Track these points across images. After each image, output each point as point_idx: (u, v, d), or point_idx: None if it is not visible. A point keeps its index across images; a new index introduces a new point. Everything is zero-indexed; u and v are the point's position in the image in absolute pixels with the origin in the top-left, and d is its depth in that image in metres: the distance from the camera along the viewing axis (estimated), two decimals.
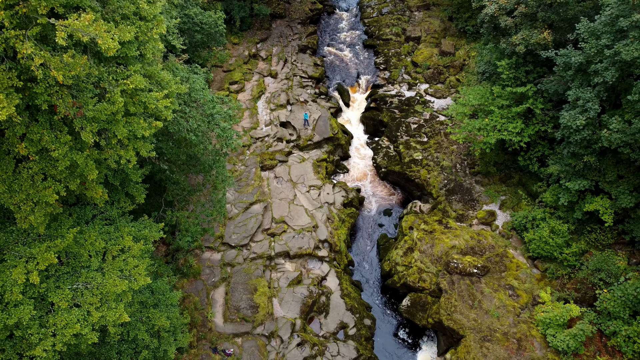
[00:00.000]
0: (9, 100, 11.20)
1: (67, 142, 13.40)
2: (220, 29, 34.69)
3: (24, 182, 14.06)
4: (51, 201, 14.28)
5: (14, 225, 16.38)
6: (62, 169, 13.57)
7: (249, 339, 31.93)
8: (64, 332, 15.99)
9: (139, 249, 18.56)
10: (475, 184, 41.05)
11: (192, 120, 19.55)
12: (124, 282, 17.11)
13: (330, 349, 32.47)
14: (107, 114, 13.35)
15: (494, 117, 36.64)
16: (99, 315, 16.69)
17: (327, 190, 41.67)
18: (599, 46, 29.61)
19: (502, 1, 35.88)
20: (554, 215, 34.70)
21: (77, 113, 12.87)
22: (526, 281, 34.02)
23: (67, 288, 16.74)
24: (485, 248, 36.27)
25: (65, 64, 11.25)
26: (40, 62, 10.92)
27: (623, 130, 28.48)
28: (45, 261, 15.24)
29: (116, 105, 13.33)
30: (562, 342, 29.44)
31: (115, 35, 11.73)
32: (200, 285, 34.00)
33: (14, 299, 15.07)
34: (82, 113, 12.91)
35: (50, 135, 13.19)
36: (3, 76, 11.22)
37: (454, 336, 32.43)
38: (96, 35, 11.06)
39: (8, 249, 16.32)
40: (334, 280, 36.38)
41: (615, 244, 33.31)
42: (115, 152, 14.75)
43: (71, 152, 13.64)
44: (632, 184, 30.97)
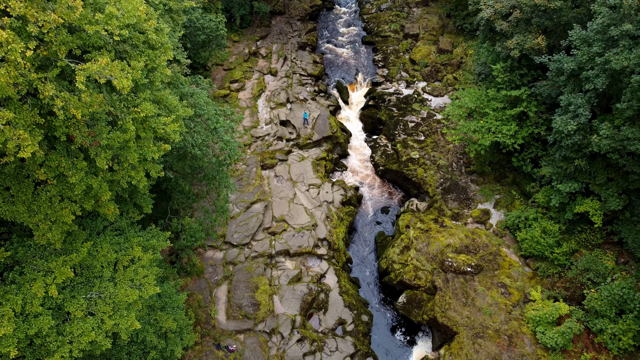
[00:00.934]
0: (32, 137, 12.20)
1: (83, 167, 14.42)
2: (222, 32, 35.43)
3: (42, 203, 15.10)
4: (68, 221, 15.34)
5: (32, 239, 17.47)
6: (78, 192, 14.61)
7: (251, 335, 33.22)
8: (80, 339, 17.16)
9: (148, 259, 19.68)
10: (471, 183, 42.10)
11: (196, 135, 20.54)
12: (134, 291, 18.25)
13: (329, 344, 33.77)
14: (120, 141, 14.35)
15: (488, 119, 37.56)
16: (112, 323, 17.86)
17: (326, 189, 42.72)
18: (591, 53, 30.42)
19: (498, 5, 36.55)
20: (545, 215, 35.80)
21: (93, 143, 13.88)
22: (518, 279, 35.24)
23: (82, 298, 17.87)
24: (479, 246, 37.43)
25: (83, 103, 12.22)
26: (62, 105, 11.91)
27: (612, 137, 29.43)
28: (62, 275, 16.35)
29: (128, 133, 14.32)
30: (551, 339, 30.72)
31: (129, 74, 12.68)
32: (203, 284, 35.21)
33: (34, 311, 16.21)
34: (97, 142, 13.92)
35: (67, 162, 14.19)
36: (26, 114, 12.21)
37: (448, 332, 33.73)
38: (112, 77, 12.01)
39: (26, 262, 17.42)
40: (332, 277, 37.60)
41: (605, 243, 34.47)
42: (126, 174, 15.77)
43: (87, 177, 14.65)
44: (621, 186, 32.02)
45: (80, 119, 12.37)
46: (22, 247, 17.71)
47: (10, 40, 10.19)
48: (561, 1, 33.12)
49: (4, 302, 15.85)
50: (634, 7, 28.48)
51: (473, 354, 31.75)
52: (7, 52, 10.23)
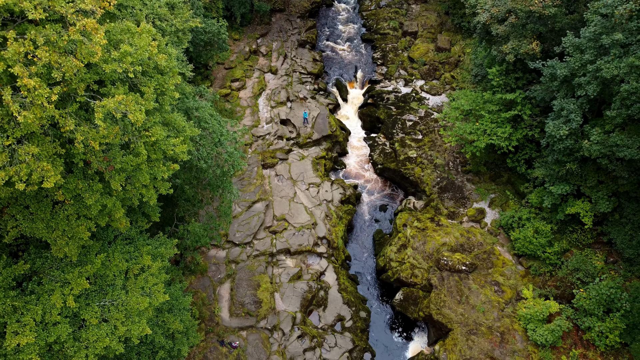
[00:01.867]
0: (54, 168, 13.19)
1: (99, 189, 15.45)
2: (223, 37, 36.20)
3: (60, 221, 16.16)
4: (84, 237, 16.41)
5: (49, 251, 18.58)
6: (94, 212, 15.67)
7: (253, 332, 34.53)
8: (95, 345, 18.36)
9: (157, 268, 20.82)
10: (467, 182, 43.16)
11: (202, 149, 21.51)
12: (145, 299, 19.41)
13: (328, 340, 35.11)
14: (133, 164, 15.36)
15: (484, 121, 38.51)
16: (125, 329, 19.04)
17: (326, 188, 43.79)
18: (583, 60, 31.28)
19: (494, 10, 37.29)
20: (538, 215, 36.94)
21: (108, 167, 14.88)
22: (511, 277, 36.49)
23: (96, 305, 19.04)
24: (474, 245, 38.62)
25: (101, 135, 13.21)
26: (82, 139, 12.91)
27: (602, 142, 30.44)
28: (78, 287, 17.48)
29: (140, 157, 15.32)
30: (541, 336, 32.03)
31: (142, 107, 13.63)
32: (207, 282, 36.44)
33: (53, 320, 17.37)
34: (112, 167, 14.93)
35: (84, 184, 15.21)
36: (49, 146, 13.21)
37: (443, 329, 35.04)
38: (127, 111, 12.97)
39: (44, 272, 18.55)
40: (332, 275, 38.82)
41: (595, 243, 35.66)
42: (138, 192, 16.81)
43: (102, 197, 15.70)
44: (611, 189, 33.12)
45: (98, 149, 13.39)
46: (39, 259, 18.83)
47: (37, 87, 11.17)
48: (555, 8, 33.88)
49: (25, 312, 17.01)
50: (625, 16, 29.27)
51: (466, 350, 33.08)
52: (34, 97, 11.22)
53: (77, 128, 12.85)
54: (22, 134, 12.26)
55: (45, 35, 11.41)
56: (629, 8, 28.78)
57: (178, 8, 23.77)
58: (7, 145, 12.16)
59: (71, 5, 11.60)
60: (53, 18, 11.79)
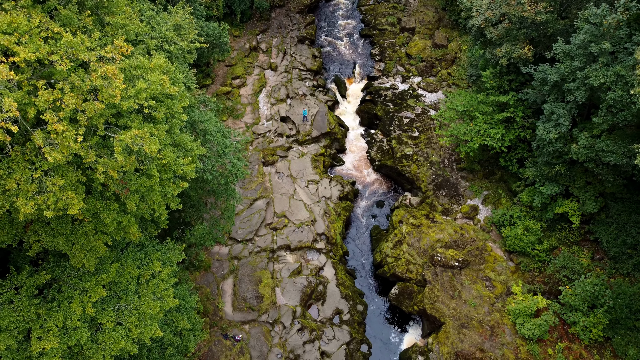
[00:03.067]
0: (77, 196, 14.53)
1: (115, 208, 16.82)
2: (225, 40, 37.21)
3: (79, 236, 17.55)
4: (102, 251, 17.85)
5: (67, 262, 20.04)
6: (111, 228, 17.06)
7: (255, 325, 36.23)
8: (112, 346, 19.94)
9: (166, 273, 22.32)
10: (461, 179, 44.56)
11: (207, 161, 22.83)
12: (157, 304, 20.95)
13: (327, 333, 36.84)
14: (146, 186, 16.70)
15: (477, 122, 39.76)
16: (138, 331, 20.61)
17: (325, 185, 45.18)
18: (573, 67, 32.42)
19: (489, 14, 38.26)
20: (529, 214, 38.42)
21: (125, 190, 16.23)
22: (502, 273, 38.11)
23: (111, 310, 20.57)
24: (467, 241, 40.17)
25: (120, 165, 14.51)
26: (103, 170, 14.23)
27: (589, 147, 31.78)
28: (96, 295, 18.97)
29: (153, 179, 16.64)
30: (529, 330, 33.74)
31: (156, 137, 14.93)
32: (210, 278, 38.06)
33: (73, 325, 18.90)
34: (127, 190, 16.28)
35: (101, 204, 16.59)
36: (72, 175, 14.51)
37: (436, 322, 36.76)
38: (143, 143, 14.28)
39: (63, 281, 20.04)
40: (330, 270, 40.43)
41: (582, 241, 37.21)
42: (150, 208, 18.20)
43: (118, 215, 17.08)
44: (598, 190, 34.56)
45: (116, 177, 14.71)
46: (58, 268, 20.31)
47: (65, 130, 12.45)
48: (547, 14, 34.88)
49: (48, 319, 18.53)
50: (612, 25, 30.36)
51: (458, 343, 34.83)
52: (62, 139, 12.51)
53: (98, 160, 14.19)
54: (49, 167, 13.59)
55: (71, 82, 12.65)
56: (617, 19, 29.87)
57: (184, 29, 24.88)
58: (36, 177, 13.49)
59: (94, 54, 12.84)
60: (77, 63, 13.01)
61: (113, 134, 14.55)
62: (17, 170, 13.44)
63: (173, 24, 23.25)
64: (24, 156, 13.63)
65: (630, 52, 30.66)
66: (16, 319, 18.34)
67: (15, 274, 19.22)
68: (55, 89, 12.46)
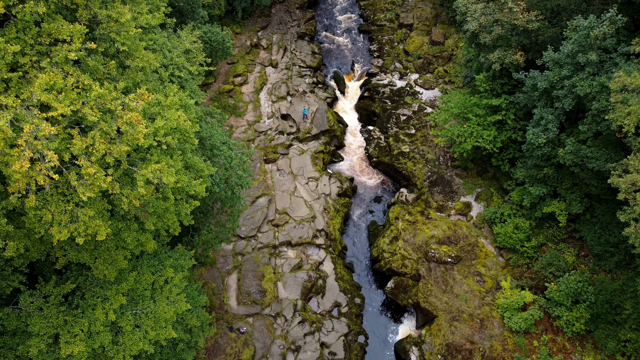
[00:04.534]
0: (104, 223, 16.30)
1: (135, 228, 18.63)
2: (227, 44, 38.59)
3: (102, 251, 19.40)
4: (122, 265, 19.73)
5: (89, 271, 21.96)
6: (131, 246, 18.90)
7: (259, 318, 38.42)
8: (131, 347, 21.99)
9: (178, 279, 24.29)
10: (455, 177, 46.36)
11: (215, 175, 24.54)
12: (171, 308, 22.95)
13: (326, 325, 39.07)
14: (162, 208, 18.48)
15: (471, 124, 41.39)
16: (154, 333, 22.64)
17: (324, 182, 46.99)
18: (561, 75, 33.93)
19: (483, 19, 39.55)
20: (518, 212, 40.32)
21: (144, 213, 18.00)
22: (492, 268, 40.19)
23: (130, 314, 22.58)
24: (459, 238, 42.15)
25: (141, 195, 16.25)
26: (127, 201, 15.98)
27: (575, 152, 33.50)
28: (117, 302, 20.95)
29: (169, 202, 18.42)
30: (516, 323, 35.92)
31: (172, 169, 16.65)
32: (216, 273, 40.12)
33: (97, 330, 20.90)
34: (147, 213, 18.06)
35: (122, 224, 18.39)
36: (99, 205, 16.26)
37: (429, 315, 38.96)
38: (161, 176, 16.00)
39: (86, 288, 22.00)
40: (329, 265, 42.49)
41: (568, 238, 39.19)
42: (165, 224, 20.02)
43: (137, 234, 18.90)
44: (584, 191, 36.38)
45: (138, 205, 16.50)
46: (81, 277, 22.25)
47: (96, 172, 14.15)
48: (539, 23, 36.25)
49: (75, 325, 20.51)
50: (599, 37, 31.82)
51: (449, 335, 37.07)
52: (93, 180, 14.23)
53: (123, 191, 15.95)
54: (80, 199, 15.35)
55: (100, 129, 14.31)
56: (603, 31, 31.32)
57: (192, 52, 26.32)
58: (68, 209, 15.25)
59: (119, 102, 14.47)
60: (104, 110, 14.66)
61: (134, 167, 16.29)
62: (52, 201, 15.20)
63: (183, 50, 24.80)
64: (57, 189, 15.39)
65: (615, 62, 32.22)
66: (45, 325, 20.33)
67: (44, 283, 21.16)
68: (87, 136, 14.16)
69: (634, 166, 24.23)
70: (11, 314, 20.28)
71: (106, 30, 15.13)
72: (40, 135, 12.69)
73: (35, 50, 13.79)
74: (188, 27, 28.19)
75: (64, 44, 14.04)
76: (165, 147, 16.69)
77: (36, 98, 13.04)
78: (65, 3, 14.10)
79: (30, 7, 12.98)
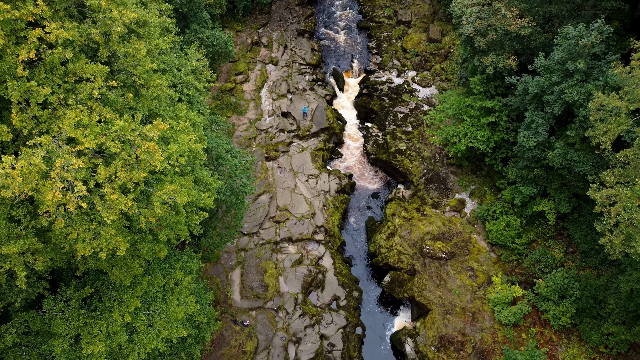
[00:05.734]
0: (124, 239, 17.94)
1: (150, 240, 20.28)
2: (230, 48, 39.88)
3: (118, 260, 21.11)
4: (137, 272, 21.45)
5: (106, 276, 23.71)
6: (147, 255, 20.60)
7: (261, 312, 40.35)
8: (145, 346, 23.83)
9: (187, 281, 26.07)
10: (450, 174, 47.97)
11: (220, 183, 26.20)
12: (181, 309, 24.77)
13: (326, 318, 41.03)
14: (175, 221, 20.12)
15: (465, 124, 42.88)
16: (166, 332, 24.48)
17: (324, 179, 48.61)
18: (551, 81, 35.30)
19: (477, 23, 40.76)
20: (510, 210, 42.03)
21: (158, 227, 19.65)
22: (484, 264, 42.02)
23: (143, 314, 24.38)
24: (453, 234, 43.92)
25: (157, 214, 17.87)
26: (145, 220, 17.60)
27: (563, 156, 35.07)
28: (132, 305, 22.73)
29: (180, 215, 20.06)
30: (506, 317, 37.86)
31: (184, 189, 18.23)
32: (220, 269, 41.96)
33: (114, 330, 22.72)
34: (161, 227, 19.70)
35: (138, 236, 20.05)
36: (119, 222, 17.88)
37: (423, 309, 40.89)
38: (175, 196, 17.60)
39: (103, 292, 23.77)
40: (328, 260, 44.33)
41: (557, 236, 40.97)
42: (177, 235, 21.70)
43: (152, 244, 20.57)
44: (572, 191, 38.03)
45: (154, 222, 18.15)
46: (98, 281, 24.00)
47: (118, 197, 15.71)
48: (531, 29, 37.50)
49: (94, 326, 22.31)
50: (587, 46, 33.15)
51: (442, 328, 39.04)
52: (115, 205, 15.81)
53: (140, 211, 17.57)
54: (102, 219, 16.98)
55: (122, 158, 15.86)
56: (591, 41, 32.64)
57: (199, 70, 27.68)
58: (92, 228, 16.88)
59: (137, 133, 16.00)
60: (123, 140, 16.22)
61: (150, 187, 17.90)
62: (77, 221, 16.83)
63: (191, 68, 26.20)
64: (81, 209, 17.00)
65: (603, 69, 33.60)
66: (68, 326, 22.13)
67: (65, 288, 22.92)
68: (109, 165, 15.74)
69: (609, 182, 25.80)
70: (36, 316, 22.07)
71: (124, 64, 16.62)
72: (70, 168, 14.26)
73: (62, 88, 15.26)
74: (194, 45, 29.59)
75: (88, 82, 15.52)
76: (178, 169, 18.27)
77: (65, 134, 14.59)
78: (88, 43, 15.53)
79: (59, 52, 14.44)
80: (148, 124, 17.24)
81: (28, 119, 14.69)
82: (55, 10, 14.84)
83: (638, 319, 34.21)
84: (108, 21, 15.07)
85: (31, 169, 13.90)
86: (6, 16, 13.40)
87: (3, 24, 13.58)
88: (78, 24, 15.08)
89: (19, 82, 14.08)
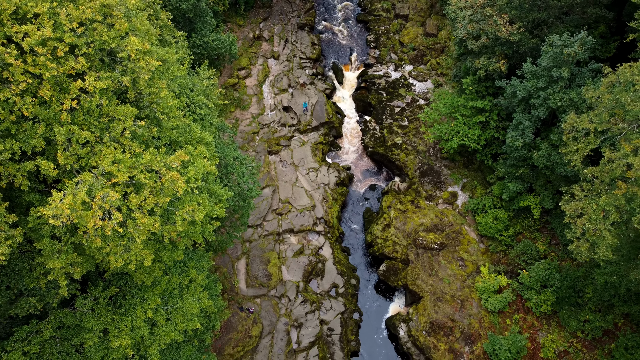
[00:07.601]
0: (150, 251, 20.60)
1: (170, 249, 22.98)
2: (234, 51, 41.92)
3: (142, 265, 23.90)
4: (159, 275, 24.23)
5: (128, 276, 26.54)
6: (169, 263, 23.33)
7: (266, 299, 43.44)
8: (165, 337, 26.82)
9: (200, 279, 28.94)
10: (444, 168, 50.52)
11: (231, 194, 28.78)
12: (196, 305, 27.70)
13: (325, 304, 44.15)
14: (192, 232, 22.78)
15: (457, 123, 45.24)
16: (183, 325, 27.45)
17: (323, 172, 51.17)
18: (537, 86, 37.56)
19: (470, 27, 42.76)
20: (498, 204, 44.75)
21: (178, 238, 22.30)
22: (474, 254, 44.96)
23: (162, 309, 27.31)
24: (445, 225, 46.74)
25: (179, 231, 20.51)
26: (168, 236, 20.23)
27: (547, 157, 37.59)
28: (153, 302, 25.63)
29: (197, 227, 22.71)
30: (492, 304, 40.95)
31: (202, 208, 20.84)
32: (227, 259, 44.88)
33: (138, 325, 25.66)
34: (180, 238, 22.33)
35: (160, 245, 22.76)
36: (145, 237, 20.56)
37: (416, 296, 43.99)
38: (194, 215, 20.20)
39: (126, 290, 26.64)
40: (328, 249, 47.24)
41: (542, 228, 43.80)
42: (192, 240, 24.42)
43: (171, 252, 23.31)
44: (555, 188, 40.66)
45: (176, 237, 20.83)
46: (121, 281, 26.86)
47: (147, 220, 18.32)
48: (520, 35, 39.53)
49: (120, 322, 25.23)
50: (571, 55, 35.33)
51: (433, 314, 42.19)
52: (145, 227, 18.42)
53: (164, 227, 20.23)
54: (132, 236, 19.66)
55: (150, 186, 18.41)
56: (574, 51, 34.80)
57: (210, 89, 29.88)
58: (123, 244, 19.55)
59: (162, 164, 18.49)
60: (149, 170, 18.73)
61: (172, 207, 20.54)
62: (110, 238, 19.51)
63: (202, 88, 28.44)
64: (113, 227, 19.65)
65: (585, 77, 35.84)
66: (97, 322, 25.04)
67: (93, 288, 25.77)
68: (139, 193, 18.32)
69: (578, 195, 28.41)
70: (69, 313, 24.97)
71: (148, 101, 18.99)
72: (107, 199, 16.84)
73: (97, 128, 17.71)
74: (205, 64, 31.72)
75: (119, 121, 17.95)
76: (197, 192, 20.85)
77: (102, 169, 17.12)
78: (119, 87, 17.91)
79: (96, 100, 16.82)
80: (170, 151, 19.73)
81: (70, 156, 17.20)
82: (92, 61, 17.18)
83: (612, 308, 37.31)
84: (136, 69, 17.42)
85: (76, 201, 16.48)
86: (53, 73, 15.75)
87: (50, 79, 15.94)
88: (110, 72, 17.43)
89: (63, 127, 16.55)
